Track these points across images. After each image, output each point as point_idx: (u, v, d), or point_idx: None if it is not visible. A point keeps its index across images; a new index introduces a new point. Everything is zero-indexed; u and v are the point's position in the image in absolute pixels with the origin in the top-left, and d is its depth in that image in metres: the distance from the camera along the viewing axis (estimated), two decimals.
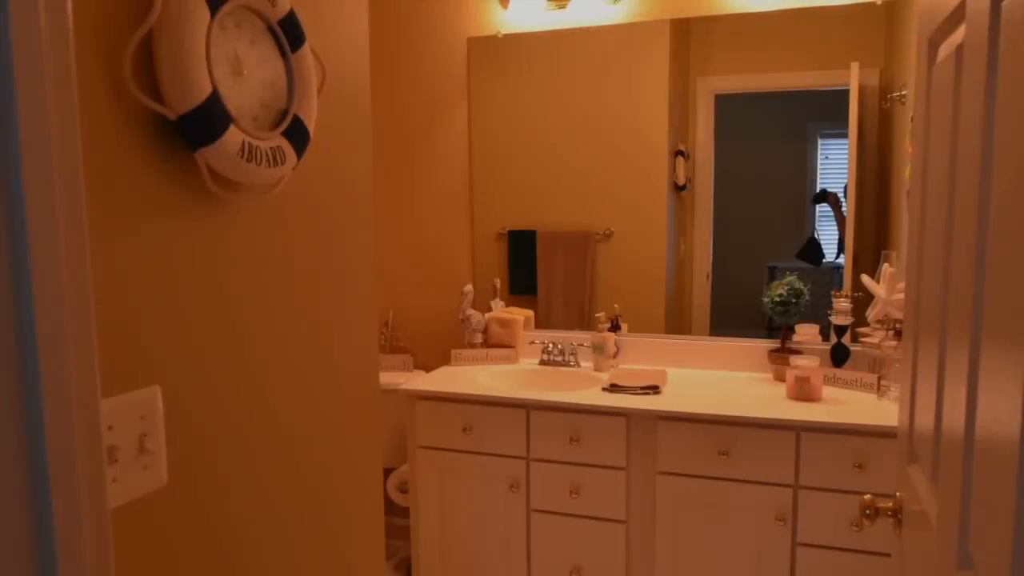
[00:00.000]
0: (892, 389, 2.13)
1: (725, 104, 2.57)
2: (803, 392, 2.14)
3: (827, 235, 2.52)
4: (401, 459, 2.80)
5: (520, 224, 2.82)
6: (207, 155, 0.86)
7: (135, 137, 0.81)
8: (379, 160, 2.94)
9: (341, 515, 1.23)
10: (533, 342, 2.76)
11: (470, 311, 2.72)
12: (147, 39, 0.81)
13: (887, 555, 1.90)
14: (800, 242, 2.56)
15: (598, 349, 2.57)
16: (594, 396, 2.23)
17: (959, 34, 0.91)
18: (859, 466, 1.93)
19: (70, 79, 0.53)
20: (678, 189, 2.64)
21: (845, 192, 2.45)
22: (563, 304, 2.80)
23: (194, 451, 0.91)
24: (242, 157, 0.88)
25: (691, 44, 2.56)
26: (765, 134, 2.59)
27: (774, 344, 2.50)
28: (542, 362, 2.68)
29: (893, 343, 2.10)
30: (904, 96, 2.30)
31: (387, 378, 2.73)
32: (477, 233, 2.88)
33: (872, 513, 1.18)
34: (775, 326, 2.52)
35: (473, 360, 2.69)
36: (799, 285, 2.37)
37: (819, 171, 2.53)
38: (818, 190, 2.54)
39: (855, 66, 2.36)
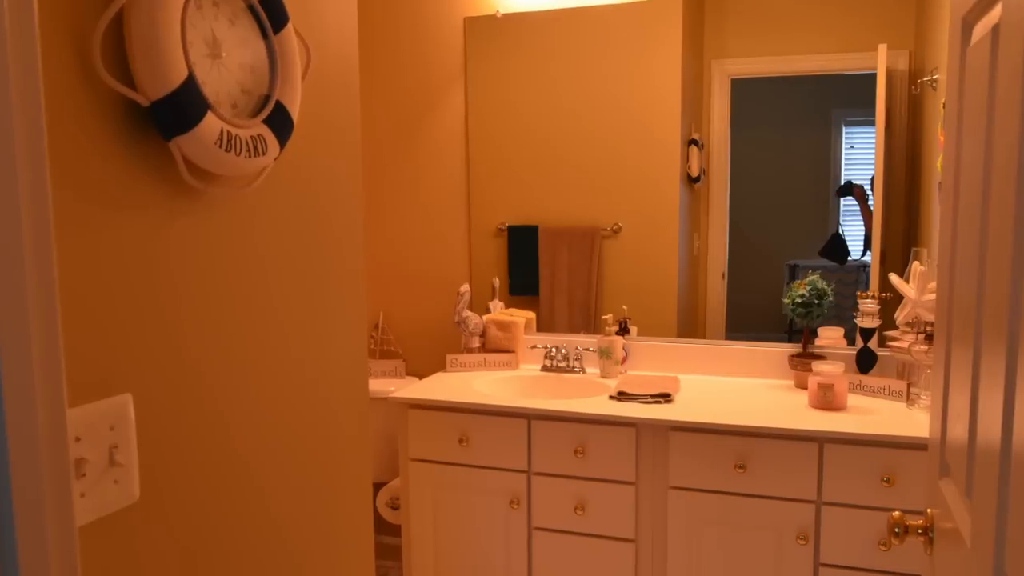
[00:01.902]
0: (923, 397, 2.13)
1: (742, 89, 2.58)
2: (826, 400, 2.14)
3: (852, 231, 2.52)
4: (392, 473, 2.80)
5: (521, 219, 2.82)
6: (182, 144, 0.86)
7: (105, 125, 0.81)
8: (369, 150, 2.94)
9: (327, 533, 1.23)
10: (535, 346, 2.76)
11: (467, 313, 2.72)
12: (118, 19, 0.80)
13: None
14: (823, 238, 2.56)
15: (605, 354, 2.57)
16: (601, 405, 2.23)
17: (995, 13, 0.91)
18: (887, 480, 1.93)
19: (35, 62, 0.53)
20: (691, 181, 2.64)
21: (872, 184, 2.45)
22: (567, 305, 2.80)
23: (168, 464, 0.91)
24: (220, 146, 0.88)
25: (705, 24, 2.56)
26: (785, 122, 2.59)
27: (795, 349, 2.50)
28: (544, 368, 2.68)
29: (924, 347, 2.10)
30: (936, 80, 2.30)
31: (377, 385, 2.73)
32: (474, 229, 2.88)
33: (901, 531, 1.18)
34: (796, 329, 2.52)
35: (470, 366, 2.69)
36: (822, 285, 2.37)
37: (844, 162, 2.53)
38: (843, 182, 2.54)
39: (883, 48, 2.37)
